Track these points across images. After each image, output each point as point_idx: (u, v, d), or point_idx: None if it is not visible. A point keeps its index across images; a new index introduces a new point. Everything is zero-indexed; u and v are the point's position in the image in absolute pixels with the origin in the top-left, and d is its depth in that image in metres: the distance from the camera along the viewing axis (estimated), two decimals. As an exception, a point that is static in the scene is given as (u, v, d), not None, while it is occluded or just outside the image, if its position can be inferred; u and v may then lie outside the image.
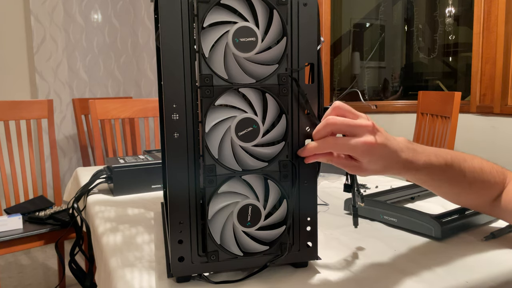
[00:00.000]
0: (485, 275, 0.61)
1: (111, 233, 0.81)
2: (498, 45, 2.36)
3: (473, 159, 0.67)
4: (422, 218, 0.75)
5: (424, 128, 2.11)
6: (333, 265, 0.64)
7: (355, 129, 0.55)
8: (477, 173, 0.66)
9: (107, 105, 1.93)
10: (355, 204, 0.67)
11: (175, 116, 0.54)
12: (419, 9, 3.48)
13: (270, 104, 0.56)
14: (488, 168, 0.68)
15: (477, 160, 0.68)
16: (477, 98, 2.49)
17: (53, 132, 1.98)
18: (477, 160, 0.68)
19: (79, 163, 2.78)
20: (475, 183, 0.67)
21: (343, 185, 0.66)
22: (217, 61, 0.54)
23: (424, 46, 3.45)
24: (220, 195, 0.56)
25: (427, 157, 0.61)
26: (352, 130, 0.55)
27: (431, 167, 0.62)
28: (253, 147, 0.56)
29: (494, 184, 0.68)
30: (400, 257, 0.67)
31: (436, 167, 0.62)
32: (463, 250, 0.69)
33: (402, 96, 3.51)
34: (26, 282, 2.20)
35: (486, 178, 0.67)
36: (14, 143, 1.88)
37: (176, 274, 0.58)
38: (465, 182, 0.66)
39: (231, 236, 0.57)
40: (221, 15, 0.54)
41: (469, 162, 0.66)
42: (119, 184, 1.07)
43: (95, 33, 2.84)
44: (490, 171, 0.68)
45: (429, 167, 0.61)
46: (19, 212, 1.69)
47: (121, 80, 2.96)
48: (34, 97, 2.68)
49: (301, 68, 0.57)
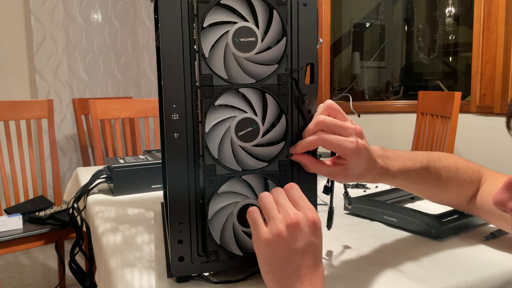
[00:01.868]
0: (485, 275, 0.61)
1: (111, 233, 0.81)
2: (498, 45, 2.36)
3: (448, 158, 0.69)
4: (422, 218, 0.75)
5: (424, 128, 2.11)
6: (333, 265, 0.64)
7: (344, 130, 0.56)
8: (452, 172, 0.68)
9: (107, 105, 1.93)
10: (331, 206, 0.67)
11: (175, 116, 0.54)
12: (419, 9, 3.48)
13: (270, 104, 0.56)
14: (464, 168, 0.69)
15: (453, 159, 0.69)
16: (477, 98, 2.49)
17: (53, 132, 1.98)
18: (453, 160, 0.69)
19: (79, 163, 2.78)
20: (450, 182, 0.68)
21: (323, 187, 0.65)
22: (217, 61, 0.54)
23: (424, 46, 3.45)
24: (220, 195, 0.56)
25: (402, 162, 0.63)
26: (341, 131, 0.56)
27: (407, 171, 0.63)
28: (253, 147, 0.56)
29: (469, 183, 0.70)
30: (400, 257, 0.67)
31: (411, 171, 0.64)
32: (463, 250, 0.69)
33: (402, 96, 3.51)
34: (26, 282, 2.20)
35: (461, 177, 0.69)
36: (14, 143, 1.88)
37: (176, 274, 0.58)
38: (441, 182, 0.67)
39: (231, 236, 0.57)
40: (221, 15, 0.54)
41: (444, 161, 0.68)
42: (119, 184, 1.07)
43: (95, 33, 2.84)
44: (466, 170, 0.69)
45: (404, 172, 0.63)
46: (19, 212, 1.69)
47: (121, 80, 2.96)
48: (34, 97, 2.68)
49: (301, 68, 0.57)
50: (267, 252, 0.49)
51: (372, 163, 0.59)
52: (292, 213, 0.49)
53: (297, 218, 0.49)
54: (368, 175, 0.59)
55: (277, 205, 0.51)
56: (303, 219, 0.49)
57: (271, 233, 0.49)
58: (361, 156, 0.57)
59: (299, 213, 0.49)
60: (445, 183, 0.68)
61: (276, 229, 0.48)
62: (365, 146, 0.57)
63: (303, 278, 0.48)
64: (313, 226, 0.49)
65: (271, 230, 0.49)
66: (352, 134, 0.56)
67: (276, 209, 0.50)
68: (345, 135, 0.56)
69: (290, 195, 0.52)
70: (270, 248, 0.49)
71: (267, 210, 0.50)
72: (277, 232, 0.48)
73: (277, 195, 0.52)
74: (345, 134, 0.56)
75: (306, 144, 0.56)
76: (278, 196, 0.52)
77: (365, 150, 0.57)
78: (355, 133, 0.56)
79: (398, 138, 2.80)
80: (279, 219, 0.49)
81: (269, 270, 0.49)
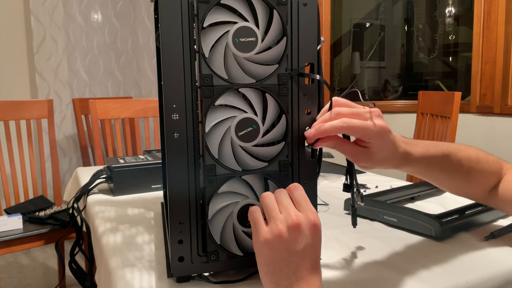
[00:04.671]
0: (485, 275, 0.61)
1: (111, 233, 0.81)
2: (498, 45, 2.36)
3: (469, 149, 0.68)
4: (422, 218, 0.75)
5: (424, 128, 2.11)
6: (333, 265, 0.64)
7: (363, 115, 0.55)
8: (473, 162, 0.67)
9: (107, 105, 1.93)
10: (354, 204, 0.67)
11: (175, 116, 0.54)
12: (419, 9, 3.48)
13: (270, 104, 0.56)
14: (484, 158, 0.68)
15: (473, 150, 0.68)
16: (477, 98, 2.49)
17: (53, 132, 1.98)
18: (473, 150, 0.68)
19: (79, 163, 2.78)
20: (472, 172, 0.67)
21: (343, 185, 0.66)
22: (217, 61, 0.54)
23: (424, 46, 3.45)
24: (220, 195, 0.56)
25: (424, 148, 0.62)
26: (360, 117, 0.55)
27: (429, 157, 0.62)
28: (253, 147, 0.56)
29: (491, 174, 0.69)
30: (400, 257, 0.67)
31: (434, 157, 0.62)
32: (463, 250, 0.69)
33: (402, 96, 3.51)
34: (26, 282, 2.20)
35: (482, 167, 0.67)
36: (14, 143, 1.88)
37: (176, 274, 0.58)
38: (462, 171, 0.66)
39: (231, 236, 0.57)
40: (221, 15, 0.54)
41: (464, 151, 0.66)
42: (119, 184, 1.07)
43: (95, 33, 2.84)
44: (486, 160, 0.68)
45: (427, 157, 0.62)
46: (19, 212, 1.69)
47: (121, 80, 2.96)
48: (34, 97, 2.68)
49: (301, 68, 0.57)
50: (267, 252, 0.49)
51: (395, 147, 0.58)
52: (293, 214, 0.49)
53: (298, 220, 0.48)
54: (392, 159, 0.58)
55: (279, 206, 0.51)
56: (304, 220, 0.49)
57: (271, 233, 0.49)
58: (385, 138, 0.56)
59: (300, 215, 0.49)
60: (467, 172, 0.66)
61: (276, 229, 0.48)
62: (388, 129, 0.56)
63: (301, 280, 0.48)
64: (314, 228, 0.49)
65: (272, 230, 0.49)
66: (373, 117, 0.55)
67: (277, 209, 0.50)
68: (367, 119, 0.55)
69: (293, 196, 0.52)
70: (270, 248, 0.49)
71: (269, 210, 0.50)
72: (277, 232, 0.48)
73: (280, 196, 0.52)
74: (366, 118, 0.55)
75: (328, 127, 0.54)
76: (281, 196, 0.52)
77: (388, 132, 0.56)
78: (375, 115, 0.55)
79: (398, 138, 2.80)
80: (280, 219, 0.49)
81: (268, 270, 0.49)
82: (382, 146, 0.56)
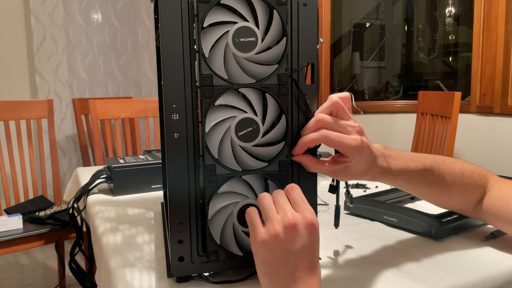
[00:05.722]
0: (485, 275, 0.61)
1: (111, 233, 0.81)
2: (498, 45, 2.36)
3: (454, 163, 0.68)
4: (422, 218, 0.75)
5: (424, 128, 2.11)
6: (333, 265, 0.64)
7: (344, 128, 0.55)
8: (457, 176, 0.67)
9: (107, 105, 1.94)
10: (338, 204, 0.67)
11: (175, 116, 0.54)
12: (419, 9, 3.48)
13: (270, 104, 0.56)
14: (470, 172, 0.68)
15: (458, 163, 0.68)
16: (477, 98, 2.49)
17: (53, 132, 1.98)
18: (458, 164, 0.68)
19: (79, 163, 2.78)
20: (455, 186, 0.67)
21: (329, 186, 0.65)
22: (217, 61, 0.54)
23: (424, 46, 3.45)
24: (220, 195, 0.56)
25: (404, 162, 0.62)
26: (341, 128, 0.55)
27: (409, 172, 0.62)
28: (253, 147, 0.56)
29: (475, 187, 0.68)
30: (400, 257, 0.67)
31: (414, 172, 0.63)
32: (463, 250, 0.69)
33: (402, 96, 3.51)
34: (26, 282, 2.20)
35: (467, 181, 0.67)
36: (14, 143, 1.88)
37: (176, 274, 0.58)
38: (444, 185, 0.66)
39: (231, 236, 0.57)
40: (221, 15, 0.54)
41: (448, 165, 0.67)
42: (119, 184, 1.07)
43: (95, 33, 2.84)
44: (472, 174, 0.68)
45: (405, 172, 0.62)
46: (19, 212, 1.69)
47: (121, 80, 2.96)
48: (34, 97, 2.68)
49: (301, 68, 0.57)
50: (264, 253, 0.49)
51: (373, 161, 0.58)
52: (290, 214, 0.49)
53: (294, 220, 0.48)
54: (369, 173, 0.59)
55: (276, 206, 0.51)
56: (301, 221, 0.49)
57: (268, 233, 0.49)
58: (363, 153, 0.56)
59: (297, 215, 0.49)
60: (450, 186, 0.66)
61: (273, 230, 0.48)
62: (367, 144, 0.57)
63: (298, 281, 0.48)
64: (311, 228, 0.49)
65: (268, 230, 0.49)
66: (352, 131, 0.56)
67: (274, 210, 0.50)
68: (346, 133, 0.56)
69: (291, 196, 0.52)
70: (267, 249, 0.49)
71: (266, 210, 0.50)
72: (274, 233, 0.48)
73: (277, 196, 0.52)
74: (345, 132, 0.56)
75: (308, 141, 0.56)
76: (278, 197, 0.52)
77: (367, 148, 0.56)
78: (356, 130, 0.56)
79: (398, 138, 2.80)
80: (276, 220, 0.49)
81: (266, 271, 0.49)
82: (359, 161, 0.57)
